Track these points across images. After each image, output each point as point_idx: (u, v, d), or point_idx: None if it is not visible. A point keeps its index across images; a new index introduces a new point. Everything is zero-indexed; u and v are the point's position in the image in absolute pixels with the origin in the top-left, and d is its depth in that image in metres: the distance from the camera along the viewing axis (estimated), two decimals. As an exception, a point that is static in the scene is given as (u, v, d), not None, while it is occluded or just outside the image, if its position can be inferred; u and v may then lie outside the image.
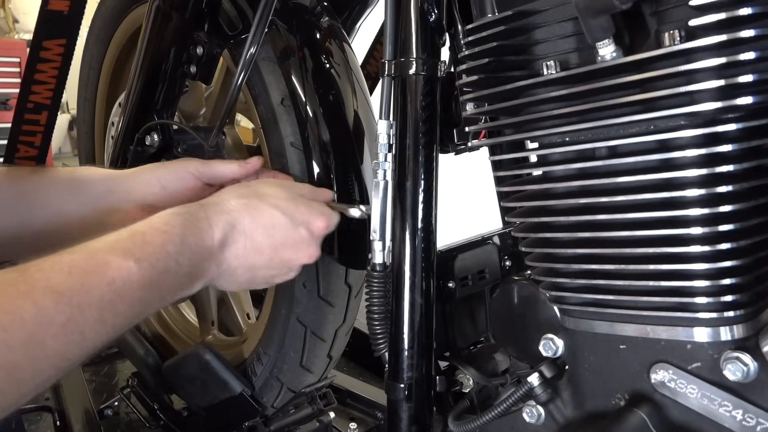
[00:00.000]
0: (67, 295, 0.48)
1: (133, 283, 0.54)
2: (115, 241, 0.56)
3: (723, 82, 0.46)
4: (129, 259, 0.54)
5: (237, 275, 0.68)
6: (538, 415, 0.65)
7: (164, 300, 0.60)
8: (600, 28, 0.52)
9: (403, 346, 0.73)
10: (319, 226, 0.73)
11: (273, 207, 0.69)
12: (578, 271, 0.60)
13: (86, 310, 0.49)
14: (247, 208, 0.68)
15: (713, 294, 0.52)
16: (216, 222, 0.65)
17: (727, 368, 0.51)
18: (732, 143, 0.49)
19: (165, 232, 0.59)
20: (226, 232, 0.65)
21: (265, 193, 0.71)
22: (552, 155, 0.60)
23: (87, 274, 0.51)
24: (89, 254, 0.53)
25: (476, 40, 0.62)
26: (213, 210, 0.66)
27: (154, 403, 1.25)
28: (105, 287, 0.51)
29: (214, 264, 0.65)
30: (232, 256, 0.66)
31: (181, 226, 0.61)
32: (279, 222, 0.69)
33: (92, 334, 0.50)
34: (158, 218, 0.61)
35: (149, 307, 0.57)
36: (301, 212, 0.71)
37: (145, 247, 0.56)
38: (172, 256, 0.58)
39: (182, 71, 0.99)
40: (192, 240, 0.61)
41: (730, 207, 0.50)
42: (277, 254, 0.69)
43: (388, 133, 0.74)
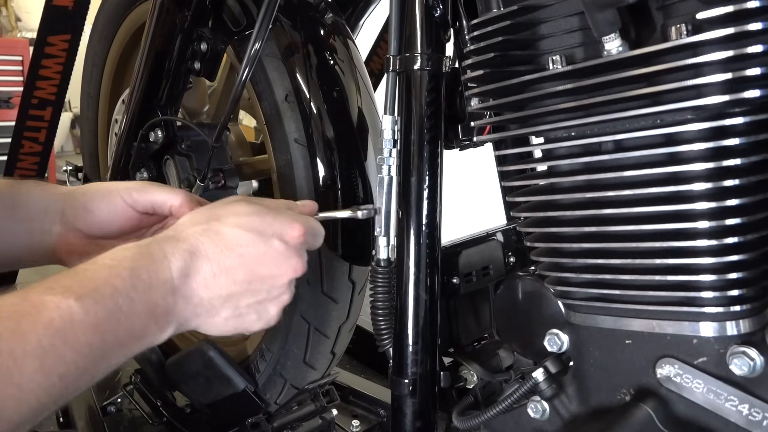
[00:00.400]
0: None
1: (76, 324, 0.47)
2: (53, 281, 0.50)
3: (730, 75, 0.46)
4: (69, 297, 0.48)
5: (216, 309, 0.60)
6: (543, 411, 0.65)
7: (125, 346, 0.52)
8: (606, 22, 0.52)
9: (407, 342, 0.73)
10: (293, 235, 0.63)
11: (234, 226, 0.61)
12: (584, 265, 0.60)
13: (21, 358, 0.43)
14: (206, 233, 0.60)
15: (719, 288, 0.52)
16: (171, 252, 0.57)
17: (734, 363, 0.51)
18: (739, 137, 0.49)
19: (110, 267, 0.53)
20: (186, 261, 0.57)
21: (224, 214, 0.63)
22: (558, 150, 0.60)
23: (20, 317, 0.45)
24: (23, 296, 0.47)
25: (481, 35, 0.62)
26: (166, 241, 0.58)
27: (157, 399, 1.26)
28: (42, 330, 0.45)
29: (180, 299, 0.57)
30: (199, 286, 0.58)
31: (129, 259, 0.54)
32: (245, 239, 0.60)
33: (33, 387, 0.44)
34: (104, 255, 0.55)
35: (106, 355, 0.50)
36: (269, 224, 0.62)
37: (87, 283, 0.50)
38: (121, 292, 0.51)
39: (186, 67, 0.99)
40: (145, 274, 0.54)
41: (736, 201, 0.49)
42: (255, 274, 0.61)
43: (392, 129, 0.74)
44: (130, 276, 0.53)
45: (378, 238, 0.76)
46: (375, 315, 0.76)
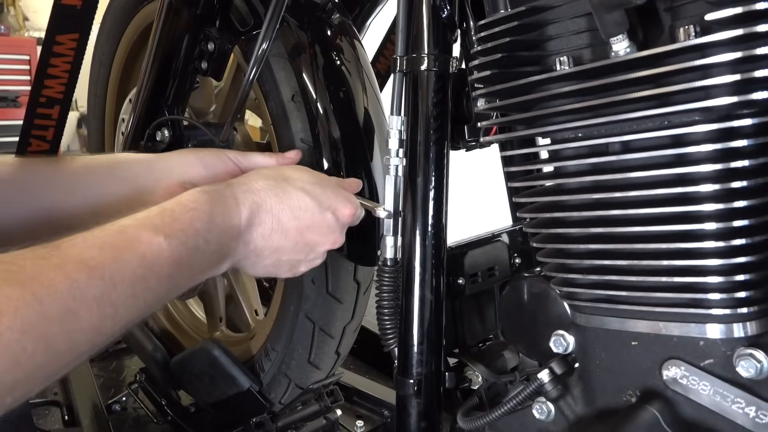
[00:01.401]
0: (99, 269, 0.49)
1: (164, 258, 0.54)
2: (145, 218, 0.56)
3: (739, 76, 0.46)
4: (159, 235, 0.54)
5: (263, 257, 0.67)
6: (548, 412, 0.65)
7: (193, 278, 0.59)
8: (614, 24, 0.52)
9: (412, 342, 0.73)
10: (345, 213, 0.71)
11: (300, 190, 0.69)
12: (590, 266, 0.60)
13: (119, 284, 0.50)
14: (274, 189, 0.67)
15: (727, 290, 0.52)
16: (243, 201, 0.65)
17: (740, 365, 0.51)
18: (747, 138, 0.49)
19: (193, 210, 0.59)
20: (253, 212, 0.65)
21: (292, 177, 0.70)
22: (565, 151, 0.60)
23: (119, 249, 0.51)
24: (120, 230, 0.53)
25: (489, 36, 0.62)
26: (240, 189, 0.66)
27: (162, 398, 1.26)
28: (136, 262, 0.52)
29: (241, 243, 0.65)
30: (258, 236, 0.66)
31: (208, 203, 0.61)
32: (306, 204, 0.68)
33: (125, 309, 0.51)
34: (186, 196, 0.61)
35: (179, 285, 0.57)
36: (328, 197, 0.70)
37: (174, 224, 0.57)
38: (200, 233, 0.58)
39: (193, 67, 0.99)
40: (220, 218, 0.61)
41: (744, 202, 0.49)
42: (303, 237, 0.69)
43: (399, 129, 0.74)
44: (209, 220, 0.60)
45: (384, 238, 0.76)
46: (380, 315, 0.76)
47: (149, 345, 1.21)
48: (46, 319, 0.44)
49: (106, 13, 1.30)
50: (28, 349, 0.42)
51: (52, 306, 0.45)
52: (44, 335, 0.44)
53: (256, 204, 0.65)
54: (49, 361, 0.45)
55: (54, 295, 0.45)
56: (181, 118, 1.02)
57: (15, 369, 0.42)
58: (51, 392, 1.39)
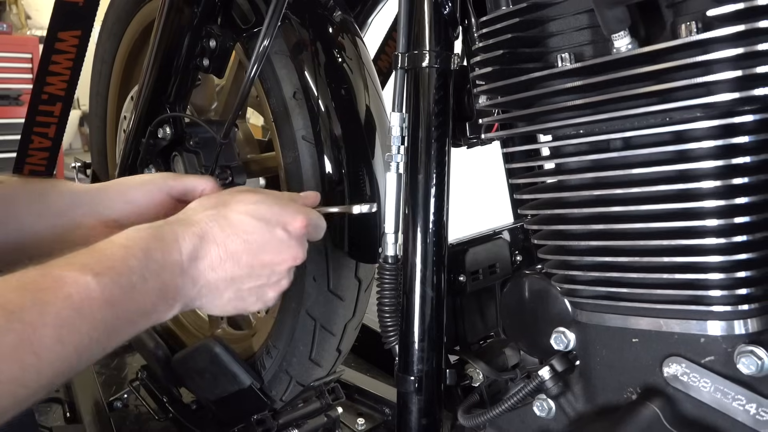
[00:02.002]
0: (17, 313, 0.44)
1: (93, 300, 0.50)
2: (72, 257, 0.52)
3: (740, 72, 0.46)
4: (87, 274, 0.50)
5: (220, 291, 0.63)
6: (549, 409, 0.65)
7: (135, 322, 0.55)
8: (616, 20, 0.52)
9: (413, 339, 0.73)
10: (296, 226, 0.67)
11: (243, 213, 0.65)
12: (591, 263, 0.59)
13: (40, 328, 0.45)
14: (215, 218, 0.63)
15: (728, 287, 0.52)
16: (182, 234, 0.60)
17: (741, 362, 0.51)
18: (748, 135, 0.49)
19: (126, 247, 0.55)
20: (195, 245, 0.61)
21: (232, 201, 0.66)
22: (566, 147, 0.60)
23: (41, 290, 0.47)
24: (43, 271, 0.49)
25: (490, 33, 0.62)
26: (178, 224, 0.62)
27: (164, 395, 1.26)
28: (60, 303, 0.47)
29: (188, 280, 0.60)
30: (206, 268, 0.62)
31: (144, 240, 0.57)
32: (252, 226, 0.64)
33: (51, 357, 0.46)
34: (119, 235, 0.58)
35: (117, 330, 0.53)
36: (275, 213, 0.66)
37: (104, 261, 0.53)
38: (135, 271, 0.54)
39: (195, 64, 0.99)
40: (158, 254, 0.57)
41: (745, 199, 0.49)
42: (257, 260, 0.64)
43: (400, 126, 0.74)
44: (144, 256, 0.55)
45: (385, 236, 0.76)
46: (381, 312, 0.76)
47: (151, 342, 1.22)
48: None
49: (107, 11, 1.30)
50: None
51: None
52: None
53: (197, 236, 0.61)
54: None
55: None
56: (182, 115, 1.02)
57: None
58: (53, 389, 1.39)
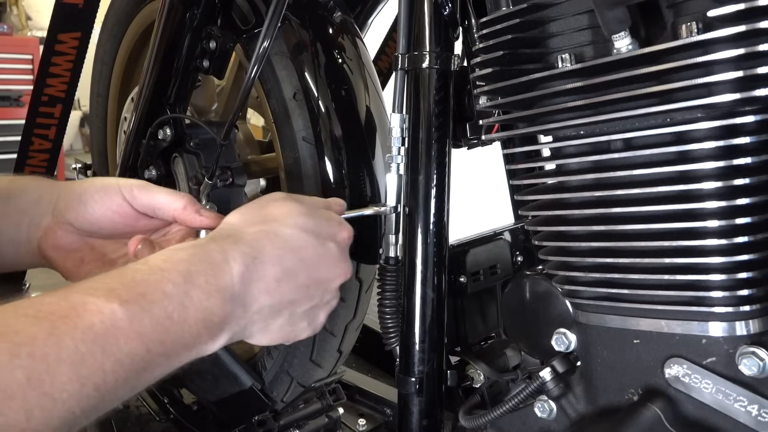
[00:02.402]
0: (28, 346, 0.39)
1: (119, 331, 0.43)
2: (97, 281, 0.46)
3: (741, 73, 0.46)
4: (113, 301, 0.44)
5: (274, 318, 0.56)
6: (550, 410, 0.65)
7: (171, 357, 0.47)
8: (616, 21, 0.51)
9: (414, 341, 0.73)
10: (344, 237, 0.63)
11: (293, 227, 0.58)
12: (592, 264, 0.59)
13: (55, 365, 0.39)
14: (267, 235, 0.56)
15: (729, 288, 0.51)
16: (232, 255, 0.53)
17: (743, 363, 0.51)
18: (749, 135, 0.49)
19: (162, 270, 0.48)
20: (247, 265, 0.53)
21: (279, 214, 0.60)
22: (567, 148, 0.60)
23: (57, 319, 0.41)
24: (63, 296, 0.43)
25: (490, 33, 0.62)
26: (227, 241, 0.54)
27: (164, 397, 1.26)
28: (80, 336, 0.41)
29: (239, 307, 0.52)
30: (261, 293, 0.54)
31: (184, 261, 0.50)
32: (305, 242, 0.58)
33: (66, 396, 0.40)
34: (156, 255, 0.51)
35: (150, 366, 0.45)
36: (323, 226, 0.61)
37: (135, 286, 0.46)
38: (172, 298, 0.47)
39: (195, 65, 0.99)
40: (201, 279, 0.49)
41: (747, 200, 0.49)
42: (313, 278, 0.58)
43: (401, 127, 0.74)
44: (184, 281, 0.48)
45: (386, 237, 0.76)
46: (382, 313, 0.76)
47: (151, 343, 1.21)
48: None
49: (107, 12, 1.30)
50: None
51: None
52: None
53: (249, 257, 0.54)
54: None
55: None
56: (183, 116, 1.02)
57: None
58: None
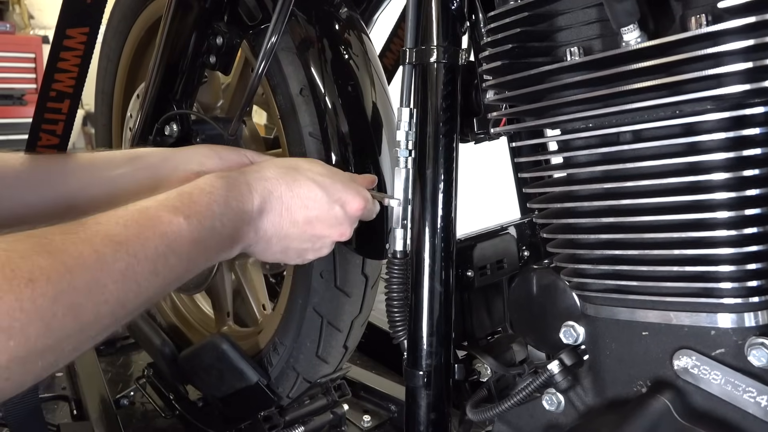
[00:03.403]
0: (124, 244, 0.50)
1: (183, 238, 0.56)
2: (165, 199, 0.58)
3: (751, 64, 0.46)
4: (179, 216, 0.57)
5: (272, 244, 0.70)
6: (558, 403, 0.65)
7: (209, 259, 0.62)
8: (625, 13, 0.52)
9: (422, 334, 0.73)
10: (354, 206, 0.72)
11: (310, 180, 0.70)
12: (601, 257, 0.60)
13: (142, 260, 0.51)
14: (285, 178, 0.69)
15: (738, 279, 0.52)
16: (255, 188, 0.67)
17: (752, 354, 0.51)
18: (759, 127, 0.49)
19: (210, 193, 0.62)
20: (264, 198, 0.67)
21: (303, 167, 0.72)
22: (575, 141, 0.60)
23: (142, 227, 0.53)
24: (142, 210, 0.55)
25: (499, 27, 0.62)
26: (253, 176, 0.68)
27: (170, 393, 1.26)
28: (158, 240, 0.54)
29: (252, 229, 0.67)
30: (269, 223, 0.68)
31: (224, 188, 0.63)
32: (315, 195, 0.70)
33: (147, 285, 0.52)
34: (203, 180, 0.64)
35: (196, 265, 0.59)
36: (338, 189, 0.72)
37: (193, 205, 0.59)
38: (216, 216, 0.61)
39: (202, 61, 0.99)
40: (234, 203, 0.63)
41: (756, 191, 0.49)
42: (310, 227, 0.70)
43: (408, 121, 0.74)
44: (225, 204, 0.62)
45: (393, 231, 0.76)
46: (390, 307, 0.76)
47: (157, 340, 1.22)
48: (76, 289, 0.45)
49: (113, 9, 1.31)
50: (58, 317, 0.44)
51: (82, 276, 0.46)
52: (74, 304, 0.45)
53: (267, 191, 0.67)
54: (76, 331, 0.46)
55: (83, 266, 0.47)
56: (189, 112, 1.02)
57: (47, 335, 0.43)
58: (60, 387, 1.39)
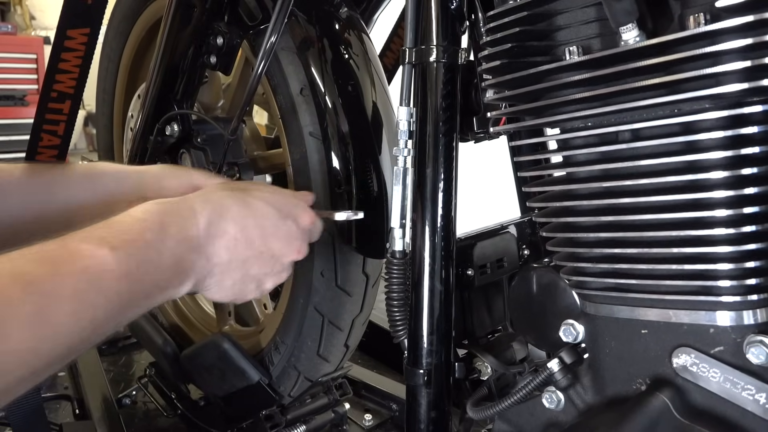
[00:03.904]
0: (36, 284, 0.45)
1: (109, 272, 0.50)
2: (90, 230, 0.53)
3: (749, 63, 0.46)
4: (103, 247, 0.51)
5: (230, 271, 0.64)
6: (558, 401, 0.66)
7: (150, 296, 0.56)
8: (624, 12, 0.52)
9: (422, 333, 0.73)
10: (305, 220, 0.71)
11: (260, 199, 0.67)
12: (600, 255, 0.60)
13: (58, 300, 0.46)
14: (234, 198, 0.65)
15: (737, 277, 0.52)
16: (200, 211, 0.61)
17: (751, 352, 0.51)
18: (758, 125, 0.49)
19: (144, 221, 0.56)
20: (212, 221, 0.61)
21: (250, 188, 0.69)
22: (574, 140, 0.61)
23: (58, 262, 0.48)
24: (62, 243, 0.50)
25: (498, 26, 0.63)
26: (197, 200, 0.62)
27: (172, 392, 1.27)
28: (77, 276, 0.48)
29: (203, 257, 0.61)
30: (221, 248, 0.62)
31: (160, 213, 0.58)
32: (268, 212, 0.66)
33: (66, 329, 0.47)
34: (136, 208, 0.58)
35: (132, 304, 0.53)
36: (287, 204, 0.69)
37: (121, 235, 0.53)
38: (151, 245, 0.55)
39: (202, 61, 0.99)
40: (174, 229, 0.58)
41: (755, 189, 0.50)
42: (268, 246, 0.66)
43: (408, 120, 0.74)
44: (161, 230, 0.56)
45: (393, 230, 0.76)
46: (390, 306, 0.77)
47: (159, 339, 1.22)
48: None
49: (114, 9, 1.31)
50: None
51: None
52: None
53: (215, 213, 0.62)
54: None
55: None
56: (190, 112, 1.03)
57: None
58: (62, 386, 1.40)
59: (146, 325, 1.26)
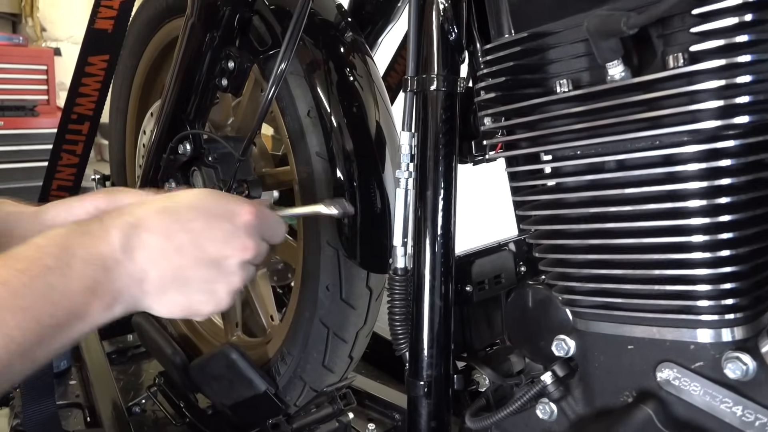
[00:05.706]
0: None
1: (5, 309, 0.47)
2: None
3: (722, 102, 0.50)
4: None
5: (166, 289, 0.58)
6: (551, 412, 0.69)
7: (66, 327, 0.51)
8: (610, 50, 0.56)
9: (423, 346, 0.77)
10: (243, 215, 0.62)
11: (184, 203, 0.60)
12: (589, 275, 0.64)
13: None
14: (155, 210, 0.59)
15: (715, 297, 0.56)
16: (111, 226, 0.56)
17: (728, 367, 0.55)
18: (731, 158, 0.53)
19: (41, 246, 0.52)
20: (128, 235, 0.56)
21: (178, 195, 0.62)
22: (565, 167, 0.64)
23: None
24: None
25: (494, 60, 0.67)
26: (109, 216, 0.57)
27: (180, 401, 1.30)
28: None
29: (124, 274, 0.55)
30: (147, 260, 0.56)
31: (62, 236, 0.53)
32: (194, 215, 0.60)
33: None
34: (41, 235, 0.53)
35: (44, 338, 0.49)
36: (218, 203, 0.62)
37: (14, 264, 0.49)
38: (53, 270, 0.50)
39: (214, 84, 1.04)
40: (80, 250, 0.53)
41: (729, 217, 0.53)
42: (203, 251, 0.59)
43: (410, 144, 0.78)
44: (63, 253, 0.51)
45: (396, 248, 0.80)
46: (392, 320, 0.80)
47: (169, 349, 1.26)
48: None
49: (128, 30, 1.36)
50: None
51: None
52: None
53: (130, 226, 0.56)
54: None
55: None
56: (202, 132, 1.07)
57: None
58: (73, 394, 1.44)
59: (156, 336, 1.30)
